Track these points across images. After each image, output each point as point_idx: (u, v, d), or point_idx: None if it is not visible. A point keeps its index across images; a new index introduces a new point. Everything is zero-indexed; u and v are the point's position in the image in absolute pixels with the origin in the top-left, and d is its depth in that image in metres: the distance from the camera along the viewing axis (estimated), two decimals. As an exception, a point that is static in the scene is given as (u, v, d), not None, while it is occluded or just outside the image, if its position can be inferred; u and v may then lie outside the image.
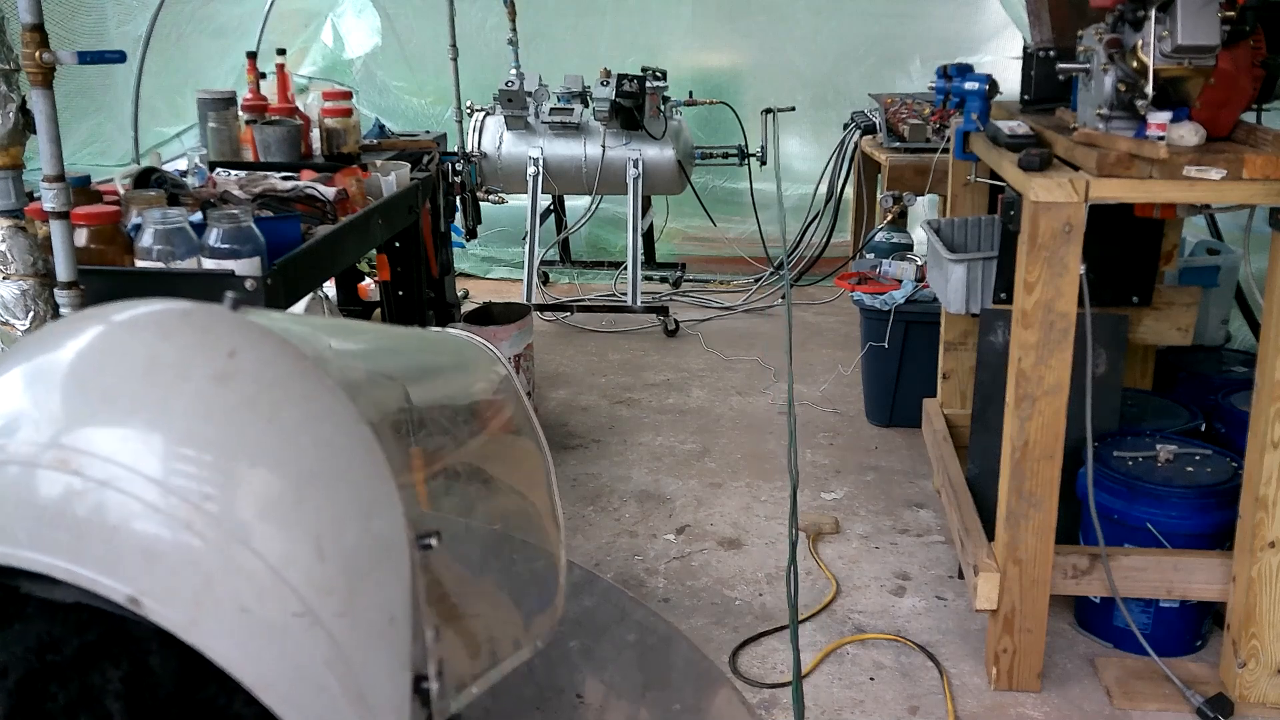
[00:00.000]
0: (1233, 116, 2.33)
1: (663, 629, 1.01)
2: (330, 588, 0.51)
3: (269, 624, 0.49)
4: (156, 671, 0.49)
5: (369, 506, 0.55)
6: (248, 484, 0.51)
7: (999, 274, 2.86)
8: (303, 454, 0.53)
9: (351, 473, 0.54)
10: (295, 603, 0.50)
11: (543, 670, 0.98)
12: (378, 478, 0.55)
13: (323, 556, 0.51)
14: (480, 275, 6.04)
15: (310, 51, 6.61)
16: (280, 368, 0.55)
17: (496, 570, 0.72)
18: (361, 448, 0.55)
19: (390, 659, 0.54)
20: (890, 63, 6.15)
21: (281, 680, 0.49)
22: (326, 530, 0.52)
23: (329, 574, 0.51)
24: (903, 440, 3.88)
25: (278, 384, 0.54)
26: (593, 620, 1.01)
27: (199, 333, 0.55)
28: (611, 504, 3.44)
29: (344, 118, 3.66)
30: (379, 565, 0.54)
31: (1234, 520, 2.43)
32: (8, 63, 1.91)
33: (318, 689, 0.50)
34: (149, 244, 2.30)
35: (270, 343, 0.56)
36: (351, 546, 0.53)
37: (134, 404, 0.51)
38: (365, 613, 0.53)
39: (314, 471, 0.53)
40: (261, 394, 0.53)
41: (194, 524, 0.49)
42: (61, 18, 4.46)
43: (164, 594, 0.48)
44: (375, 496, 0.55)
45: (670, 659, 0.98)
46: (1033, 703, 2.48)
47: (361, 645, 0.52)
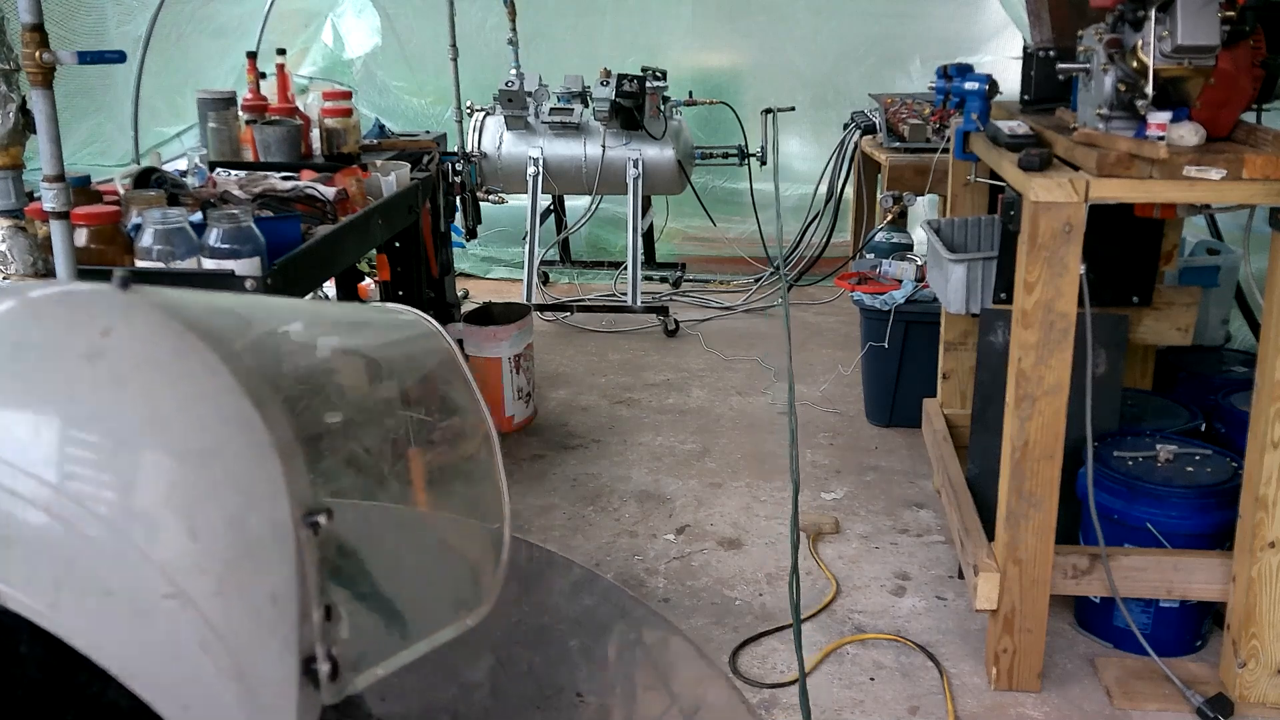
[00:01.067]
0: (1233, 116, 2.33)
1: (663, 628, 1.01)
2: (203, 567, 0.50)
3: (135, 607, 0.48)
4: (25, 659, 0.48)
5: (247, 485, 0.53)
6: (114, 464, 0.49)
7: (999, 274, 2.86)
8: (175, 432, 0.51)
9: (227, 451, 0.53)
10: (164, 584, 0.49)
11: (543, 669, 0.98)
12: (257, 455, 0.53)
13: (195, 536, 0.50)
14: (480, 275, 6.04)
15: (310, 51, 6.61)
16: (158, 345, 0.54)
17: (413, 551, 0.70)
18: (240, 425, 0.53)
19: (273, 640, 0.52)
20: (890, 63, 6.15)
21: (151, 665, 0.48)
22: (199, 509, 0.50)
23: (201, 553, 0.50)
24: (903, 440, 3.88)
25: (153, 361, 0.53)
26: (593, 619, 1.01)
27: (72, 311, 0.54)
28: (611, 504, 3.44)
29: (344, 118, 3.66)
30: (258, 544, 0.52)
31: (1234, 520, 2.43)
32: (8, 63, 1.91)
33: (192, 672, 0.49)
34: (149, 244, 2.30)
35: (151, 320, 0.54)
36: (227, 525, 0.51)
37: None
38: (243, 593, 0.51)
39: (187, 450, 0.51)
40: (134, 372, 0.52)
41: (53, 507, 0.47)
42: (61, 18, 4.46)
43: (23, 580, 0.47)
44: (254, 475, 0.53)
45: (670, 658, 0.98)
46: (1033, 703, 2.48)
47: (240, 626, 0.51)
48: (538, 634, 0.99)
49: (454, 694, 0.93)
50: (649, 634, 1.00)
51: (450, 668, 0.65)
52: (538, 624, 1.00)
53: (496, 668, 0.96)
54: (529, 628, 1.00)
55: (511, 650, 0.98)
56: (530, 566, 1.03)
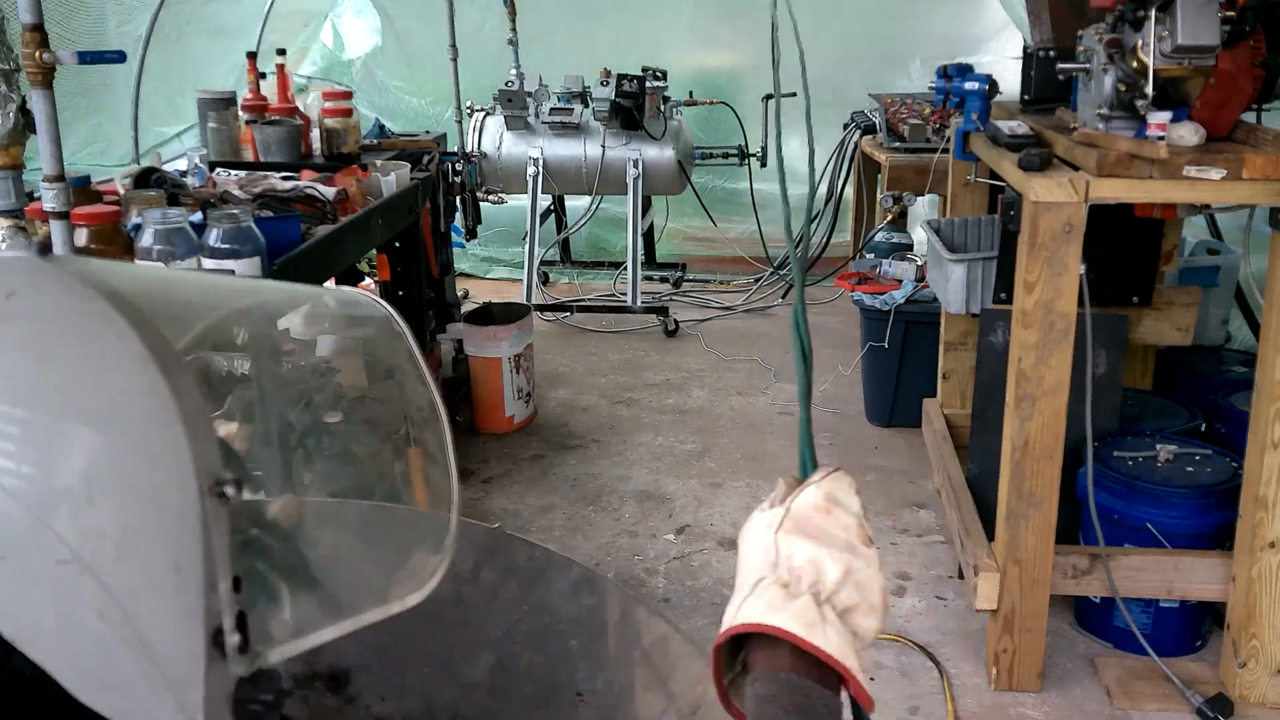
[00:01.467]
0: (1233, 116, 2.33)
1: (663, 628, 1.01)
2: (101, 534, 0.49)
3: (29, 573, 0.47)
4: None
5: (150, 451, 0.52)
6: (9, 428, 0.48)
7: (999, 274, 2.86)
8: (76, 396, 0.51)
9: (130, 416, 0.52)
10: (60, 549, 0.48)
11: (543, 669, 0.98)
12: (162, 421, 0.52)
13: (92, 501, 0.49)
14: (480, 275, 6.03)
15: (310, 51, 6.61)
16: (64, 310, 0.53)
17: (342, 530, 0.69)
18: (144, 391, 0.52)
19: (176, 609, 0.51)
20: (890, 63, 6.15)
21: (46, 631, 0.47)
22: (97, 475, 0.50)
23: (100, 519, 0.49)
24: (903, 440, 3.88)
25: (57, 324, 0.52)
26: (593, 619, 1.01)
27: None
28: (611, 504, 3.44)
29: (344, 118, 3.66)
30: (162, 512, 0.51)
31: (1234, 520, 2.43)
32: (8, 63, 1.91)
33: (91, 641, 0.48)
34: (149, 244, 2.30)
35: (59, 285, 0.54)
36: (126, 491, 0.50)
37: None
38: (144, 561, 0.50)
39: (87, 414, 0.50)
40: (36, 335, 0.51)
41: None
42: (61, 18, 4.46)
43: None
44: (157, 441, 0.52)
45: (670, 658, 0.98)
46: (1033, 703, 2.48)
47: (142, 594, 0.50)
48: (538, 634, 0.99)
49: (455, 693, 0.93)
50: (649, 634, 1.00)
51: (451, 667, 0.65)
52: (538, 624, 1.00)
53: (497, 667, 0.96)
54: (530, 627, 1.00)
55: (512, 650, 0.98)
56: (531, 566, 1.03)
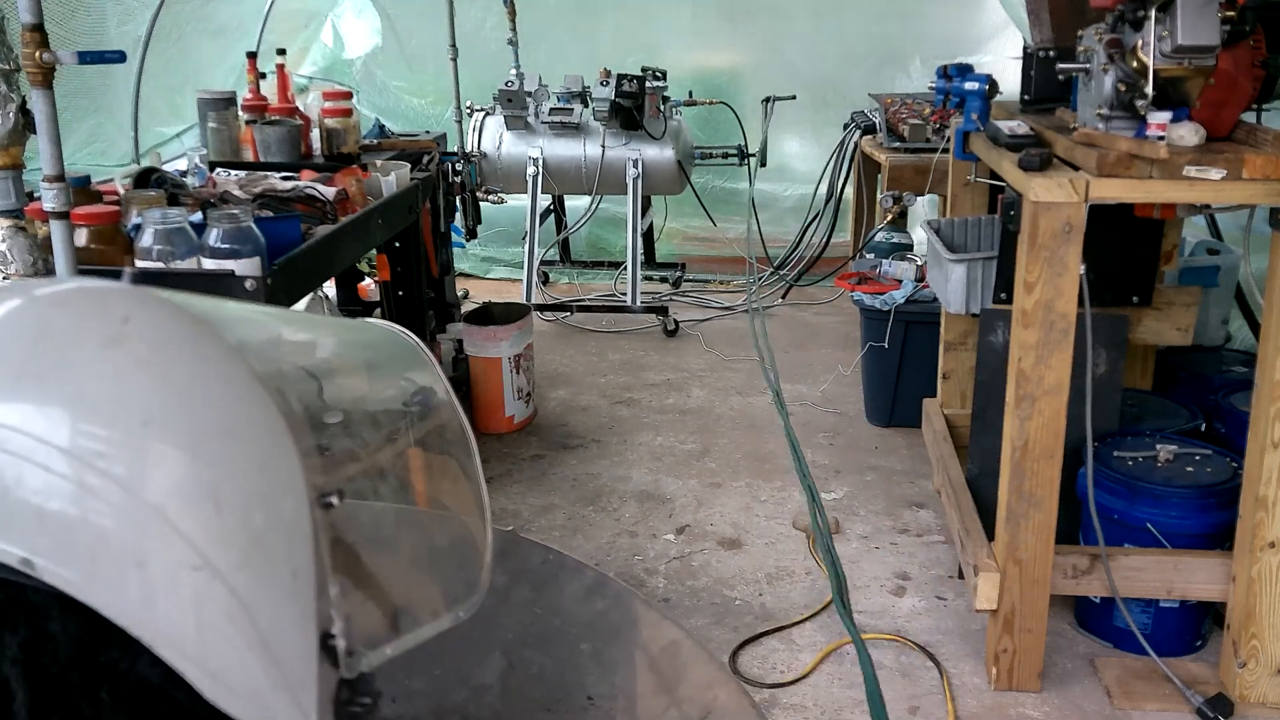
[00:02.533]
0: (1233, 116, 2.33)
1: (673, 632, 1.01)
2: (228, 540, 0.51)
3: (166, 578, 0.49)
4: (56, 636, 0.49)
5: (266, 463, 0.54)
6: (142, 441, 0.51)
7: (999, 274, 2.86)
8: (196, 411, 0.53)
9: (247, 429, 0.54)
10: (193, 555, 0.50)
11: (554, 672, 0.98)
12: (274, 435, 0.55)
13: (219, 510, 0.51)
14: (480, 275, 6.04)
15: (310, 51, 6.61)
16: (174, 331, 0.56)
17: (411, 542, 0.72)
18: (257, 406, 0.55)
19: (294, 612, 0.53)
20: (890, 63, 6.15)
21: (182, 634, 0.49)
22: (223, 484, 0.52)
23: (226, 526, 0.51)
24: (903, 440, 3.88)
25: (171, 346, 0.55)
26: (605, 623, 1.01)
27: (93, 301, 0.56)
28: (611, 504, 3.44)
29: (344, 118, 3.66)
30: (278, 519, 0.54)
31: (1234, 520, 2.43)
32: (8, 63, 1.91)
33: (220, 642, 0.50)
34: (149, 244, 2.30)
35: (165, 310, 0.56)
36: (248, 500, 0.53)
37: (24, 369, 0.51)
38: (266, 566, 0.52)
39: (208, 428, 0.53)
40: (155, 355, 0.54)
41: (87, 482, 0.49)
42: (61, 18, 4.46)
43: (58, 554, 0.47)
44: (272, 453, 0.55)
45: (681, 662, 0.98)
46: (1033, 703, 2.48)
47: (263, 598, 0.52)
48: (549, 637, 0.99)
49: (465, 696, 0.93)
50: (660, 638, 1.00)
51: (461, 670, 0.65)
52: (549, 627, 1.00)
53: (507, 670, 0.96)
54: (540, 630, 1.00)
55: (522, 653, 0.98)
56: (543, 569, 1.03)
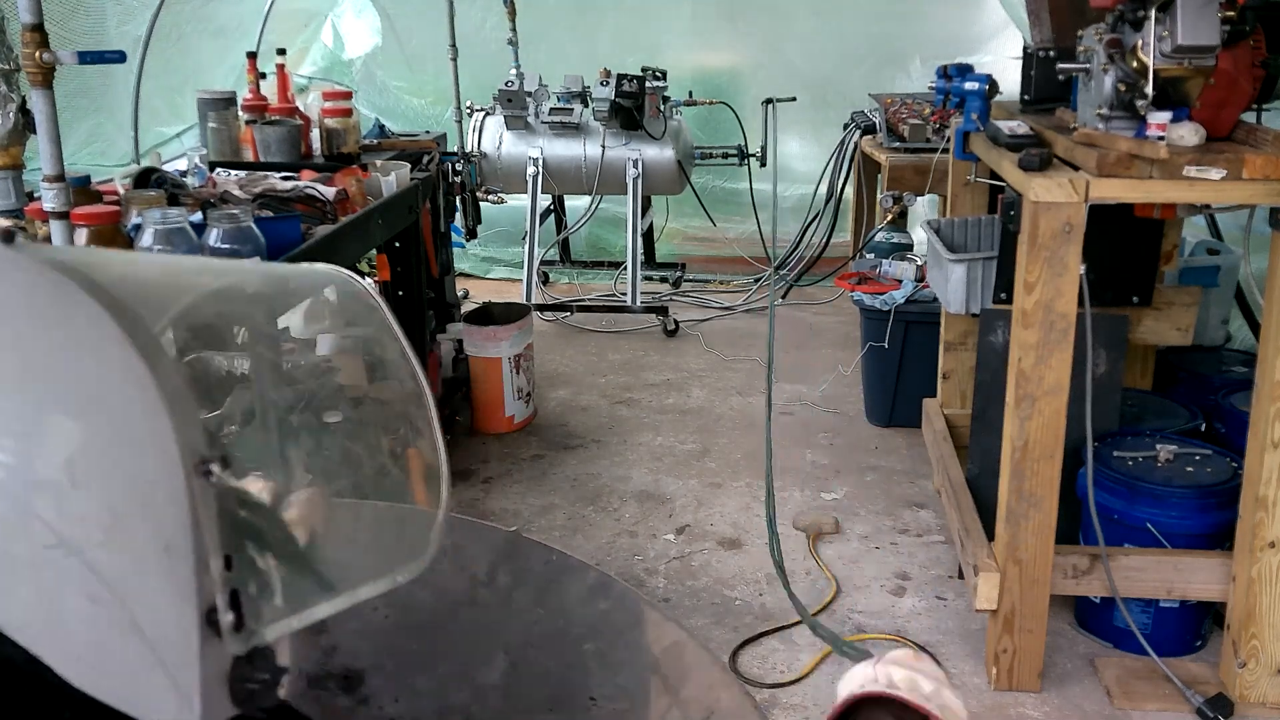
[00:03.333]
0: (1233, 116, 2.33)
1: (677, 635, 1.01)
2: (87, 517, 0.49)
3: (16, 559, 0.47)
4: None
5: (134, 433, 0.51)
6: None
7: (999, 274, 2.86)
8: (55, 380, 0.50)
9: (112, 399, 0.51)
10: (46, 534, 0.47)
11: (557, 673, 0.98)
12: (144, 404, 0.52)
13: (76, 484, 0.49)
14: (480, 275, 6.04)
15: (310, 51, 6.61)
16: (32, 291, 0.52)
17: (336, 507, 0.68)
18: (125, 373, 0.52)
19: (168, 589, 0.50)
20: (890, 63, 6.15)
21: (36, 618, 0.47)
22: (80, 457, 0.49)
23: (85, 502, 0.49)
24: (903, 440, 3.88)
25: (28, 310, 0.52)
26: (608, 624, 1.01)
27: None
28: (611, 504, 3.44)
29: (344, 118, 3.66)
30: (148, 493, 0.51)
31: (1234, 520, 2.43)
32: (8, 63, 1.91)
33: (82, 624, 0.48)
34: (149, 244, 2.30)
35: (27, 270, 0.53)
36: (112, 473, 0.50)
37: None
38: (133, 542, 0.50)
39: (66, 397, 0.50)
40: (9, 320, 0.51)
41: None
42: (61, 18, 4.46)
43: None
44: (141, 423, 0.52)
45: (684, 664, 0.98)
46: (1033, 703, 2.48)
47: (132, 576, 0.49)
48: (553, 638, 0.99)
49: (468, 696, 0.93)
50: (663, 639, 1.00)
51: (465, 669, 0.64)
52: (553, 628, 1.00)
53: (510, 670, 0.96)
54: (544, 631, 1.00)
55: (526, 653, 0.98)
56: (547, 570, 1.03)
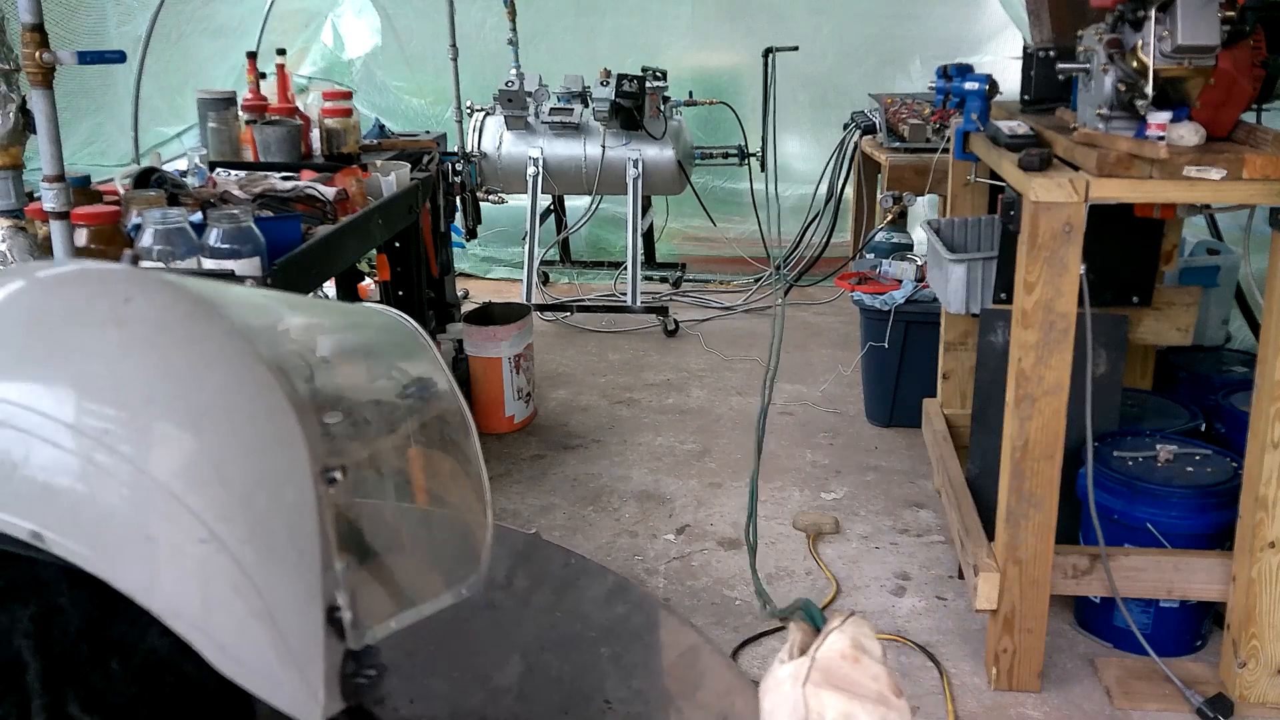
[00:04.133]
0: (1233, 116, 2.33)
1: (693, 639, 1.01)
2: (233, 515, 0.52)
3: (174, 551, 0.50)
4: (66, 610, 0.50)
5: (269, 439, 0.55)
6: (146, 419, 0.52)
7: (999, 274, 2.86)
8: (200, 391, 0.54)
9: (249, 407, 0.55)
10: (199, 529, 0.51)
11: (572, 676, 0.98)
12: (277, 413, 0.56)
13: (225, 485, 0.52)
14: (480, 275, 6.04)
15: (310, 51, 6.61)
16: (176, 312, 0.57)
17: (412, 521, 0.73)
18: (260, 385, 0.56)
19: (300, 585, 0.54)
20: (890, 63, 6.15)
21: (189, 606, 0.50)
22: (226, 461, 0.53)
23: (232, 502, 0.52)
24: (903, 440, 3.88)
25: (174, 326, 0.56)
26: (625, 628, 1.01)
27: (94, 284, 0.57)
28: (611, 504, 3.44)
29: (344, 118, 3.66)
30: (282, 494, 0.55)
31: (1234, 520, 2.43)
32: (8, 63, 1.91)
33: (226, 613, 0.51)
34: (149, 244, 2.30)
35: (167, 291, 0.58)
36: (253, 476, 0.54)
37: (28, 348, 0.52)
38: (270, 539, 0.53)
39: (211, 407, 0.54)
40: (157, 336, 0.55)
41: (95, 458, 0.50)
42: (61, 18, 4.46)
43: (66, 528, 0.48)
44: (275, 430, 0.56)
45: (700, 668, 0.99)
46: (1033, 703, 2.48)
47: (268, 571, 0.53)
48: (569, 640, 0.99)
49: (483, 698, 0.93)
50: (679, 643, 1.00)
51: (480, 671, 0.66)
52: (570, 631, 1.00)
53: (526, 673, 0.96)
54: (560, 634, 1.00)
55: (541, 656, 0.98)
56: (565, 573, 1.03)
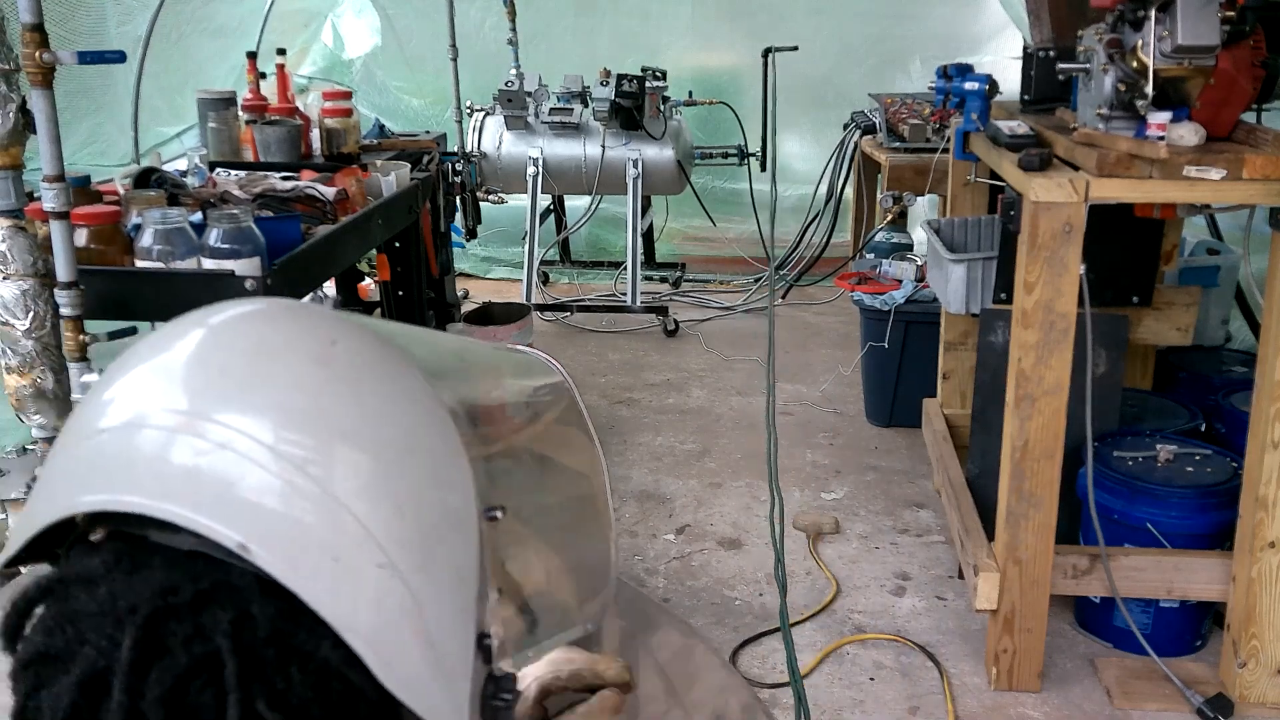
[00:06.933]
0: (1233, 116, 2.33)
1: (686, 637, 1.01)
2: (409, 544, 0.58)
3: (356, 573, 0.56)
4: (256, 616, 0.55)
5: (444, 477, 0.62)
6: (342, 451, 0.58)
7: (999, 274, 2.86)
8: (389, 429, 0.61)
9: (429, 447, 0.62)
10: (379, 555, 0.57)
11: None
12: (452, 453, 0.63)
13: (403, 516, 0.59)
14: (480, 275, 6.04)
15: (310, 51, 6.60)
16: (372, 355, 0.64)
17: (555, 551, 0.80)
18: (439, 427, 0.63)
19: (458, 612, 0.61)
20: (890, 63, 6.15)
21: (364, 624, 0.56)
22: (407, 494, 0.59)
23: (408, 532, 0.59)
24: (903, 440, 3.88)
25: (370, 368, 0.63)
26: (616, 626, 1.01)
27: (304, 322, 0.64)
28: (611, 504, 3.44)
29: (344, 118, 3.65)
30: (451, 528, 0.62)
31: (1234, 520, 2.43)
32: (8, 63, 1.91)
33: (395, 634, 0.57)
34: (149, 244, 2.30)
35: (365, 335, 0.65)
36: (428, 510, 0.60)
37: (248, 380, 0.59)
38: (438, 569, 0.60)
39: (397, 444, 0.61)
40: (356, 376, 0.62)
41: (295, 482, 0.56)
42: (61, 18, 4.45)
43: (268, 542, 0.55)
44: (449, 469, 0.63)
45: (694, 667, 0.99)
46: (1033, 703, 2.48)
47: (434, 597, 0.59)
48: None
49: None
50: (672, 642, 1.01)
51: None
52: None
53: None
54: None
55: None
56: None
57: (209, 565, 0.56)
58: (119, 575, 0.56)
